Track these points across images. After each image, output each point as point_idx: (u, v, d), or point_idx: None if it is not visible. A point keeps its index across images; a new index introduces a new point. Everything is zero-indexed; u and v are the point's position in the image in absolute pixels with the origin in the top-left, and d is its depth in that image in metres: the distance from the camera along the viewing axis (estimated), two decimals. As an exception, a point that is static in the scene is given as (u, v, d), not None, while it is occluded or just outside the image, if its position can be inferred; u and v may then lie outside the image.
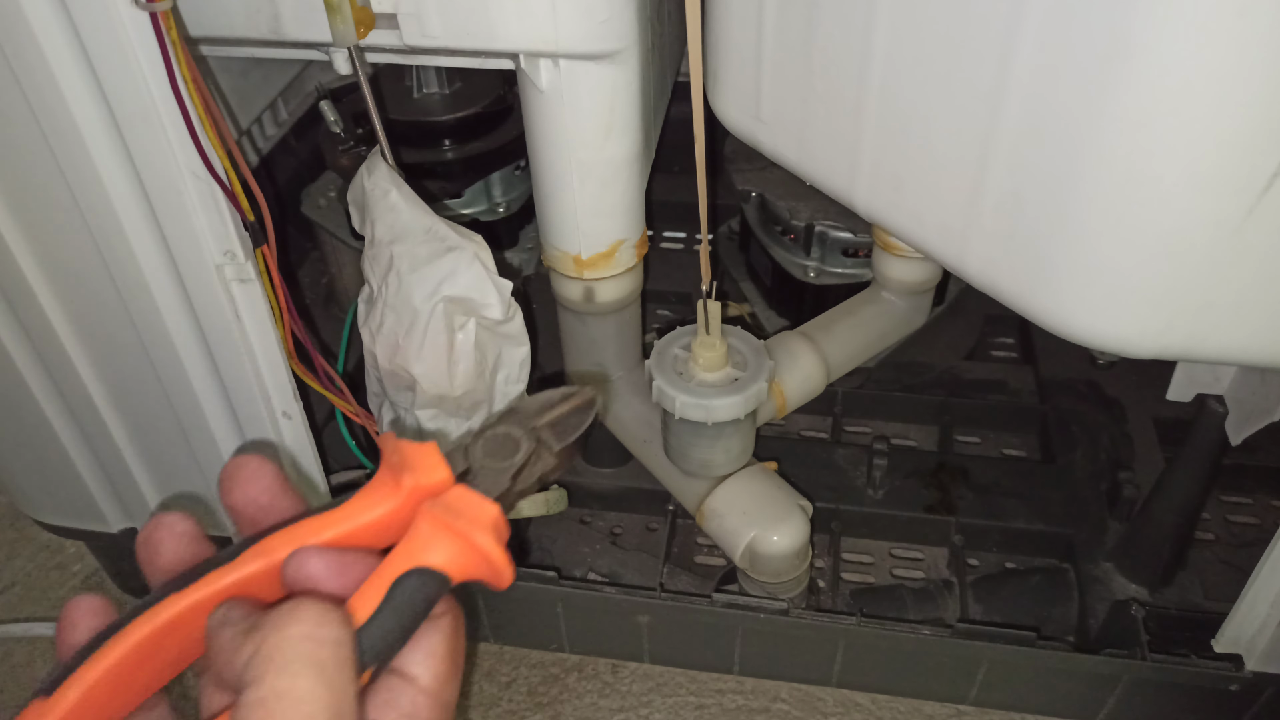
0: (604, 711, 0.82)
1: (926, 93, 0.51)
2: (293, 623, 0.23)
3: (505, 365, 0.67)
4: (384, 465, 0.28)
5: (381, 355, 0.65)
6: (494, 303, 0.62)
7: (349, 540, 0.27)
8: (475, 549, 0.26)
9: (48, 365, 0.69)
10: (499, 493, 0.28)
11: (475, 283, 0.62)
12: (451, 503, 0.27)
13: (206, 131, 0.54)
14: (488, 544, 0.26)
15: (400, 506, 0.27)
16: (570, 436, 0.30)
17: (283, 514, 0.28)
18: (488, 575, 0.27)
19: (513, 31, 0.56)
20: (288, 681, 0.22)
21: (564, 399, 0.30)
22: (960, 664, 0.74)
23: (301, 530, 0.27)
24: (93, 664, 0.24)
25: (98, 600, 0.26)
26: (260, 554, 0.26)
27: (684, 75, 0.64)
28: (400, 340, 0.63)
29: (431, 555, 0.26)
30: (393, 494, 0.27)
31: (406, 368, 0.63)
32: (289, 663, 0.22)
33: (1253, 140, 0.41)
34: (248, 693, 0.22)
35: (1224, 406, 0.66)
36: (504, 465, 0.29)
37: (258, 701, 0.22)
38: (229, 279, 0.62)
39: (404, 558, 0.26)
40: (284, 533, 0.26)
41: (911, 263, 0.80)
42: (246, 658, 0.23)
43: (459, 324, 0.61)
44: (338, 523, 0.27)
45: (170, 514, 0.28)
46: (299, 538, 0.26)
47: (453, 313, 0.61)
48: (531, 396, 0.31)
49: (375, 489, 0.27)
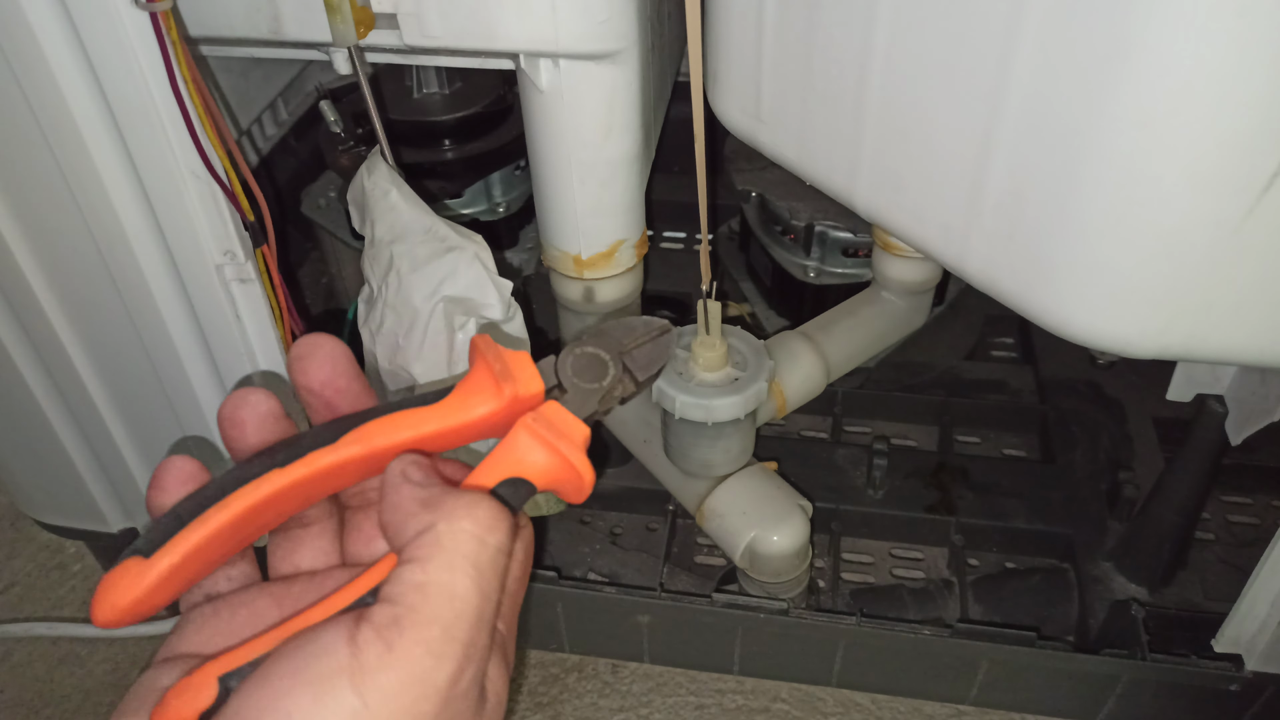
0: (604, 711, 0.82)
1: (927, 92, 0.51)
2: (467, 518, 0.24)
3: None
4: (481, 365, 0.29)
5: (382, 355, 0.65)
6: (494, 303, 0.62)
7: (447, 436, 0.28)
8: (569, 465, 0.28)
9: (48, 365, 0.69)
10: (588, 413, 0.30)
11: (475, 283, 0.62)
12: (549, 418, 0.28)
13: (206, 131, 0.54)
14: (581, 462, 0.28)
15: (498, 410, 0.28)
16: (653, 368, 0.32)
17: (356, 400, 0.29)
18: (572, 489, 0.29)
19: (513, 31, 0.56)
20: (449, 576, 0.23)
21: (646, 328, 0.32)
22: (960, 664, 0.74)
23: (403, 420, 0.27)
24: (191, 530, 0.25)
25: (189, 465, 0.27)
26: (360, 439, 0.27)
27: (684, 75, 0.64)
28: (400, 340, 0.63)
29: (528, 467, 0.28)
30: (494, 398, 0.28)
31: (406, 367, 0.63)
32: (455, 558, 0.23)
33: (1253, 140, 0.41)
34: (409, 570, 0.23)
35: (1224, 406, 0.66)
36: (592, 387, 0.30)
37: (418, 585, 0.23)
38: (229, 279, 0.62)
39: (504, 465, 0.27)
40: (384, 420, 0.27)
41: (911, 263, 0.80)
42: (417, 531, 0.24)
43: (459, 324, 0.61)
44: (438, 418, 0.28)
45: (253, 391, 0.28)
46: (401, 427, 0.27)
47: (453, 312, 0.61)
48: (617, 321, 0.32)
49: (475, 388, 0.28)
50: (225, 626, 0.26)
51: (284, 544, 0.29)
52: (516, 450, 0.28)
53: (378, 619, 0.22)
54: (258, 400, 0.28)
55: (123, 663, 0.89)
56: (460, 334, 0.62)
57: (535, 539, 0.85)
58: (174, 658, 0.26)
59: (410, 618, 0.22)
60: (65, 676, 0.89)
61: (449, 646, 0.22)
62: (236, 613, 0.27)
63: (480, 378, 0.29)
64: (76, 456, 0.75)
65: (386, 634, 0.22)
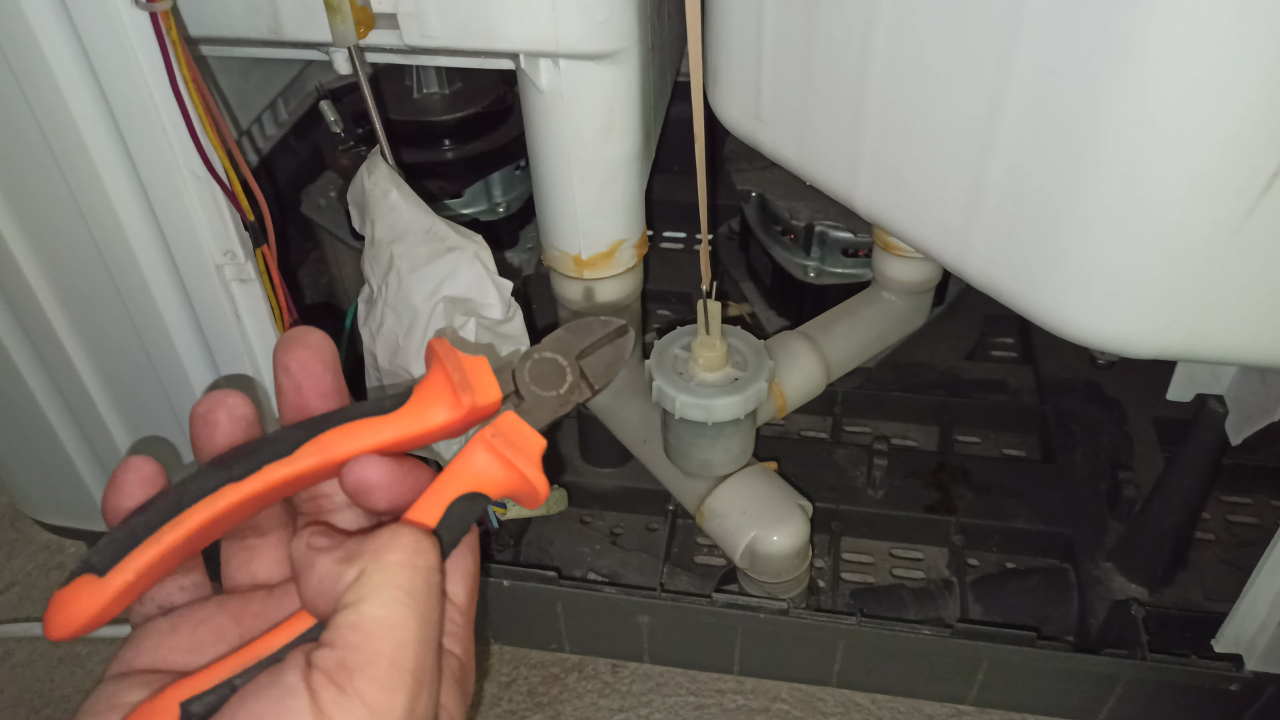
0: (604, 711, 0.82)
1: (927, 93, 0.51)
2: (391, 550, 0.24)
3: None
4: (439, 371, 0.29)
5: (381, 355, 0.65)
6: (494, 303, 0.62)
7: (404, 443, 0.28)
8: (525, 480, 0.28)
9: (48, 365, 0.69)
10: (545, 422, 0.30)
11: (475, 283, 0.62)
12: (506, 432, 0.28)
13: (206, 131, 0.54)
14: (536, 476, 0.28)
15: (455, 419, 0.28)
16: (611, 372, 0.32)
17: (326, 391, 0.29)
18: (527, 500, 0.29)
19: (513, 31, 0.56)
20: (384, 610, 0.23)
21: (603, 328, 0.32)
22: (960, 664, 0.74)
23: (360, 429, 0.27)
24: (146, 548, 0.25)
25: (148, 467, 0.27)
26: (318, 450, 0.27)
27: (684, 75, 0.64)
28: (400, 340, 0.63)
29: (485, 482, 0.28)
30: (452, 407, 0.28)
31: (406, 368, 0.63)
32: (386, 590, 0.24)
33: (1252, 140, 0.41)
34: (344, 615, 0.23)
35: (1224, 406, 0.66)
36: (550, 395, 0.30)
37: (353, 625, 0.23)
38: (229, 279, 0.62)
39: (460, 479, 0.28)
40: (342, 429, 0.27)
41: (911, 263, 0.80)
42: (348, 583, 0.24)
43: (459, 324, 0.61)
44: (396, 426, 0.28)
45: (230, 393, 0.28)
46: (357, 436, 0.27)
47: (453, 313, 0.61)
48: (576, 322, 0.32)
49: (432, 396, 0.28)
50: (184, 643, 0.26)
51: (239, 554, 0.29)
52: (473, 465, 0.28)
53: (324, 664, 0.22)
54: (235, 404, 0.28)
55: (123, 663, 0.89)
56: (460, 334, 0.62)
57: (535, 539, 0.85)
58: (131, 672, 0.26)
59: (354, 658, 0.22)
60: (65, 676, 0.89)
61: (399, 678, 0.23)
62: (196, 630, 0.27)
63: (437, 384, 0.29)
64: (76, 456, 0.75)
65: (336, 678, 0.22)
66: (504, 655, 0.86)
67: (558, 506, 0.84)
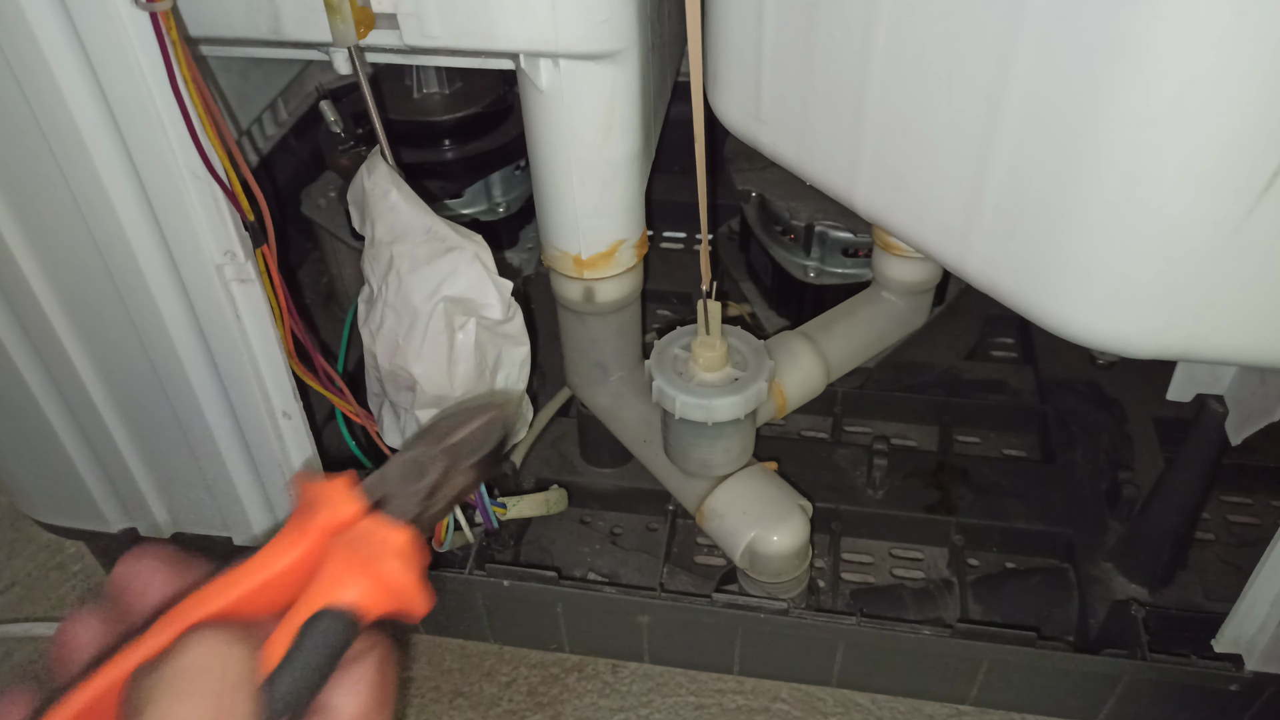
0: (604, 711, 0.82)
1: (926, 92, 0.51)
2: (185, 650, 0.22)
3: (505, 365, 0.67)
4: (296, 509, 0.26)
5: (381, 355, 0.65)
6: (494, 303, 0.62)
7: (258, 595, 0.25)
8: (381, 579, 0.25)
9: (48, 365, 0.69)
10: (410, 516, 0.27)
11: (475, 283, 0.62)
12: (359, 534, 0.26)
13: (206, 131, 0.54)
14: (394, 570, 0.25)
15: (310, 550, 0.26)
16: (481, 452, 0.29)
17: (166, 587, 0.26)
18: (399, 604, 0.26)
19: (513, 31, 0.56)
20: (178, 708, 0.21)
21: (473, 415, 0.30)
22: (960, 664, 0.74)
23: (208, 594, 0.25)
24: None
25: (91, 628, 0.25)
26: (167, 624, 0.24)
27: (684, 75, 0.64)
28: (400, 340, 0.63)
29: (340, 592, 0.25)
30: (300, 538, 0.26)
31: (406, 368, 0.63)
32: (181, 689, 0.22)
33: (1252, 140, 0.41)
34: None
35: (1224, 406, 0.66)
36: (415, 489, 0.28)
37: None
38: (229, 279, 0.62)
39: (311, 599, 0.25)
40: (192, 598, 0.25)
41: (911, 263, 0.80)
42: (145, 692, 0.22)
43: (459, 324, 0.62)
44: (243, 580, 0.25)
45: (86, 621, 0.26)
46: (206, 601, 0.25)
47: (453, 313, 0.61)
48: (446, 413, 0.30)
49: (285, 537, 0.26)
50: None
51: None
52: (326, 578, 0.25)
53: None
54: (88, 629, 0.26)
55: (123, 663, 0.89)
56: (460, 334, 0.62)
57: (535, 539, 0.85)
58: None
59: None
60: (65, 676, 0.89)
61: None
62: None
63: (292, 522, 0.26)
64: (76, 456, 0.75)
65: None
66: (504, 655, 0.86)
67: (558, 507, 0.84)
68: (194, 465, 0.73)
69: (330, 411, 0.79)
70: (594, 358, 0.79)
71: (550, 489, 0.83)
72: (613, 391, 0.80)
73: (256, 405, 0.68)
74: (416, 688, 0.85)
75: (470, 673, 0.86)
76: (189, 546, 0.81)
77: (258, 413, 0.69)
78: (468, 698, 0.84)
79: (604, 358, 0.79)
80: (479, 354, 0.64)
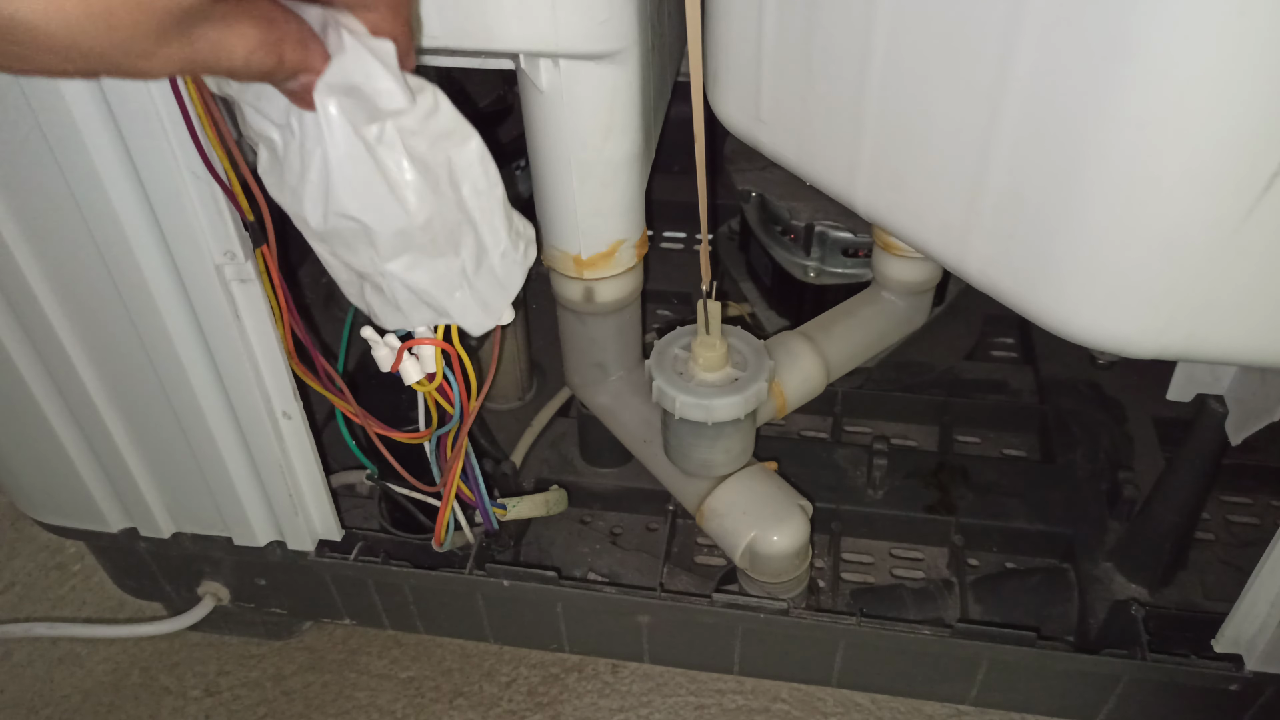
0: (604, 711, 0.82)
1: (927, 92, 0.51)
2: None
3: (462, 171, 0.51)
4: None
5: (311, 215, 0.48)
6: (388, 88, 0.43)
7: None
8: None
9: (48, 365, 0.69)
10: None
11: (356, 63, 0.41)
12: None
13: (206, 131, 0.54)
14: None
15: None
16: None
17: None
18: None
19: (512, 32, 0.56)
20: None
21: None
22: (960, 664, 0.74)
23: None
24: None
25: None
26: None
27: (684, 75, 0.64)
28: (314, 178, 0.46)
29: None
30: None
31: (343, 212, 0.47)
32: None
33: (1253, 140, 0.41)
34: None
35: (1224, 406, 0.66)
36: None
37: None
38: (229, 279, 0.62)
39: None
40: None
41: (911, 263, 0.80)
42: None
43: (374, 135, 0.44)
44: None
45: None
46: None
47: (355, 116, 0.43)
48: None
49: None
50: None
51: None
52: None
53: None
54: None
55: (123, 663, 0.89)
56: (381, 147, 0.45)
57: (535, 539, 0.85)
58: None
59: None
60: (65, 676, 0.89)
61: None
62: None
63: None
64: (76, 456, 0.75)
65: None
66: (504, 655, 0.86)
67: (558, 507, 0.84)
68: (194, 465, 0.73)
69: (330, 411, 0.79)
70: (594, 358, 0.79)
71: (550, 489, 0.83)
72: (613, 391, 0.80)
73: (256, 405, 0.68)
74: (416, 688, 0.85)
75: (470, 673, 0.86)
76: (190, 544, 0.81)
77: (258, 413, 0.69)
78: (468, 698, 0.84)
79: (604, 358, 0.79)
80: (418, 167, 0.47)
